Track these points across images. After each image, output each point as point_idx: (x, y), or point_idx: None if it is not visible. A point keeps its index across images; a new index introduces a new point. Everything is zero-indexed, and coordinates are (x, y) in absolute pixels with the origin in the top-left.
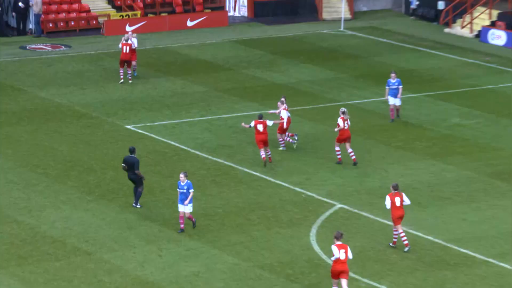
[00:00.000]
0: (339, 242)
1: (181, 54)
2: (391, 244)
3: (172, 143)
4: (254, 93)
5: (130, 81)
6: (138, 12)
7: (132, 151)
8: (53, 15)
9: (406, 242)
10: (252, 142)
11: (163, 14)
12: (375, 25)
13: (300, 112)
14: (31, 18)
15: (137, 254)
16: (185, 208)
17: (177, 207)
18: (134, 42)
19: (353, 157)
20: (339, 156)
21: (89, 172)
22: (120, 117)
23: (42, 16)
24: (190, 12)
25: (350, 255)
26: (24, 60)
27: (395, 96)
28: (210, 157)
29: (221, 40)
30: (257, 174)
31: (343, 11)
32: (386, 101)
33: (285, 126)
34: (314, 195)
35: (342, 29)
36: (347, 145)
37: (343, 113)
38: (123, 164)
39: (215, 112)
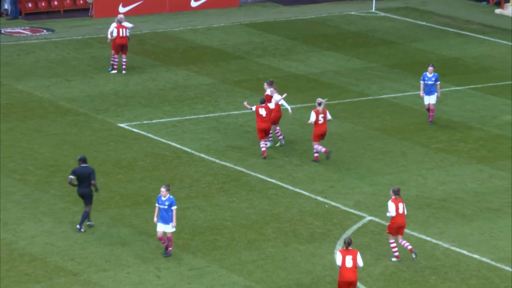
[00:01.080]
0: (347, 248)
1: (184, 39)
2: (394, 259)
3: (173, 144)
4: None
5: (124, 71)
6: None
7: (84, 160)
8: None
9: (410, 247)
10: None
11: None
12: (413, 5)
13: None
14: None
15: (131, 275)
16: (166, 228)
17: (179, 219)
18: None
19: (323, 149)
20: (316, 155)
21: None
22: (112, 114)
23: None
24: None
25: (360, 263)
26: None
27: (430, 93)
28: (217, 160)
29: (231, 23)
30: (273, 181)
31: None
32: (421, 99)
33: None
34: (339, 205)
35: (373, 10)
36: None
37: (319, 104)
38: (71, 177)
39: (223, 108)
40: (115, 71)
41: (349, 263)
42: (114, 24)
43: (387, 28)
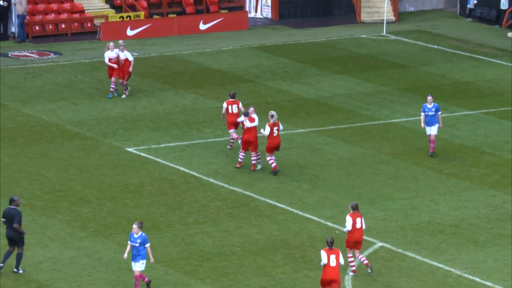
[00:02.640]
0: (329, 247)
1: (192, 63)
2: (351, 273)
3: (181, 168)
4: (279, 109)
5: (124, 95)
6: (142, 13)
7: (12, 201)
8: (40, 16)
9: (366, 261)
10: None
11: (171, 16)
12: (424, 28)
13: (333, 132)
14: (14, 19)
15: None
16: (135, 266)
17: (187, 245)
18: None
19: (273, 164)
20: (274, 164)
21: (82, 204)
22: (119, 138)
23: (27, 17)
24: (203, 13)
25: (342, 261)
26: (5, 70)
27: (431, 124)
28: (226, 185)
29: (240, 46)
30: (282, 206)
31: (386, 12)
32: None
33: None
34: None
35: (384, 33)
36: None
37: (272, 117)
38: (2, 219)
39: None
40: (125, 95)
41: (333, 262)
42: (117, 50)
43: (398, 51)
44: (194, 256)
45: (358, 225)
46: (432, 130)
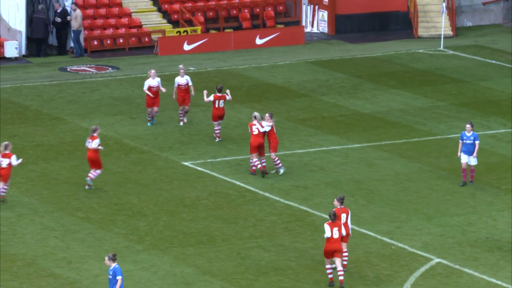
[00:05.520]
0: (333, 220)
1: (248, 77)
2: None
3: (237, 183)
4: (335, 124)
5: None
6: (199, 28)
7: None
8: (99, 31)
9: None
10: (331, 182)
11: (228, 30)
12: (482, 43)
13: (390, 147)
14: (71, 34)
15: None
16: None
17: (242, 259)
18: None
19: (258, 166)
20: (253, 168)
21: (139, 217)
22: (176, 152)
23: (86, 32)
24: (259, 28)
25: (344, 233)
26: (64, 84)
27: (469, 153)
28: (281, 200)
29: (296, 61)
30: None
31: (443, 27)
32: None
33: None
34: (406, 247)
35: (441, 48)
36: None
37: (255, 117)
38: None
39: (287, 146)
40: (183, 122)
41: (336, 234)
42: (159, 79)
43: (455, 67)
44: (250, 271)
45: (342, 221)
46: (471, 160)
